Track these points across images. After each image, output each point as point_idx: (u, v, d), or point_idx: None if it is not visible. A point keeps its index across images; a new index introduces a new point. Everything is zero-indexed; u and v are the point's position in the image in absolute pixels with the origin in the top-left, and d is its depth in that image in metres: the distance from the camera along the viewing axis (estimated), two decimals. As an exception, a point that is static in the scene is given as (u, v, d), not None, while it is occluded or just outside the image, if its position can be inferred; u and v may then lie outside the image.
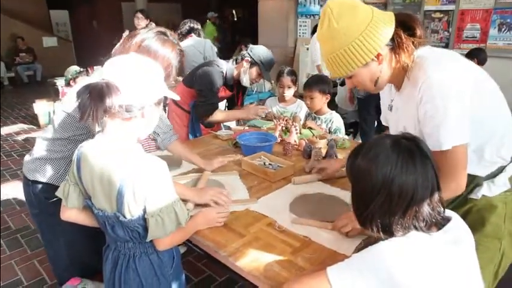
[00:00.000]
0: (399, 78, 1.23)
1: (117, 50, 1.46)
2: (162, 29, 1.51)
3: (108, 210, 1.17)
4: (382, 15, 1.14)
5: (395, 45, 1.15)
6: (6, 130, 5.66)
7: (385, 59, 1.17)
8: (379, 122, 4.08)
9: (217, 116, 2.53)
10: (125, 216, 1.13)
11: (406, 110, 1.24)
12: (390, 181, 0.89)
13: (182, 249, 2.46)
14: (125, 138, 1.14)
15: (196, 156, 1.92)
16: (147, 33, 1.46)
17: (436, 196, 0.91)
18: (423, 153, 0.92)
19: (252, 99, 6.92)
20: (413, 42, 1.15)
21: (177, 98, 1.22)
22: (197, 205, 1.54)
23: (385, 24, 1.12)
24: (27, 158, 1.56)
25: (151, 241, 1.20)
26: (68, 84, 5.07)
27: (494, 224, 1.24)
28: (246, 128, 2.72)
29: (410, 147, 0.91)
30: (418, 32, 1.16)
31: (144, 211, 1.13)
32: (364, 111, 4.11)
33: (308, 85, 2.67)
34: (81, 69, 5.10)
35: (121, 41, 1.51)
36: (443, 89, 1.09)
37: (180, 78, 3.31)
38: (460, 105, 1.09)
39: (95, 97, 1.02)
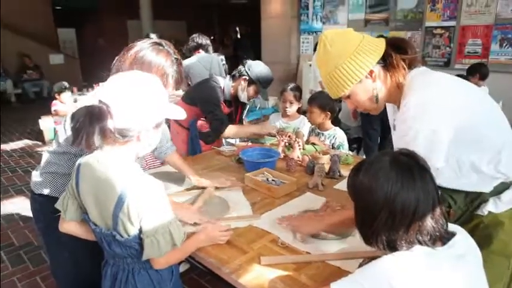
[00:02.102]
0: (397, 97, 1.27)
1: (116, 63, 1.48)
2: (158, 40, 1.54)
3: (104, 227, 1.16)
4: (373, 38, 1.25)
5: (387, 63, 1.24)
6: (11, 146, 5.71)
7: (379, 77, 1.25)
8: (382, 138, 4.09)
9: (231, 131, 2.55)
10: (121, 235, 1.12)
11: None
12: (391, 198, 0.89)
13: (184, 267, 2.44)
14: (121, 158, 1.13)
15: (190, 170, 1.93)
16: (142, 44, 1.48)
17: (438, 209, 0.92)
18: (422, 167, 0.93)
19: (256, 116, 6.97)
20: (404, 61, 1.23)
21: (182, 117, 1.21)
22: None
23: (376, 44, 1.22)
24: (35, 172, 1.57)
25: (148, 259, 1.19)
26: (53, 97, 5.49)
27: (501, 241, 1.22)
28: (249, 143, 2.72)
29: (409, 163, 0.93)
30: (409, 51, 1.24)
31: (140, 230, 1.11)
32: (367, 126, 4.10)
33: (309, 99, 2.72)
34: (67, 86, 5.40)
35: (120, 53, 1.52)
36: (416, 114, 1.14)
37: (180, 92, 3.33)
38: (430, 131, 1.13)
39: (87, 122, 1.01)
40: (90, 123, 1.01)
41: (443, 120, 1.13)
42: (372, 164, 0.96)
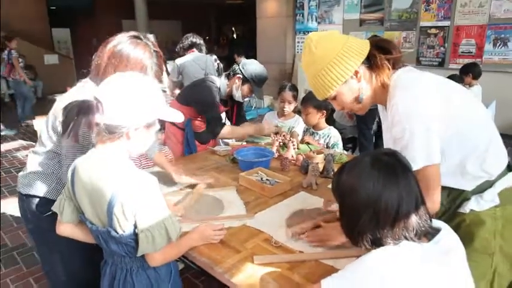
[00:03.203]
0: (383, 97, 1.28)
1: (95, 58, 1.48)
2: (136, 33, 1.53)
3: (100, 225, 1.17)
4: (357, 39, 1.26)
5: (372, 64, 1.25)
6: (5, 146, 5.67)
7: (364, 77, 1.26)
8: (377, 137, 4.10)
9: (227, 132, 2.54)
10: (116, 232, 1.12)
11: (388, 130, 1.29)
12: (375, 198, 0.91)
13: (179, 266, 2.43)
14: (114, 156, 1.14)
15: (168, 165, 1.95)
16: (120, 38, 1.48)
17: (421, 205, 0.93)
18: (403, 165, 0.95)
19: (251, 115, 6.97)
20: (389, 61, 1.25)
21: (179, 120, 1.22)
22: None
23: (360, 45, 1.23)
24: (21, 173, 1.57)
25: (144, 256, 1.19)
26: None
27: (483, 239, 1.23)
28: (244, 143, 2.72)
29: (391, 162, 0.94)
30: (393, 52, 1.26)
31: (135, 226, 1.12)
32: (362, 126, 4.12)
33: (303, 101, 2.70)
34: None
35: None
36: (407, 113, 1.15)
37: (176, 91, 3.30)
38: (424, 128, 1.13)
39: (74, 114, 1.05)
40: (77, 116, 1.05)
41: (433, 115, 1.14)
42: (355, 164, 0.98)
